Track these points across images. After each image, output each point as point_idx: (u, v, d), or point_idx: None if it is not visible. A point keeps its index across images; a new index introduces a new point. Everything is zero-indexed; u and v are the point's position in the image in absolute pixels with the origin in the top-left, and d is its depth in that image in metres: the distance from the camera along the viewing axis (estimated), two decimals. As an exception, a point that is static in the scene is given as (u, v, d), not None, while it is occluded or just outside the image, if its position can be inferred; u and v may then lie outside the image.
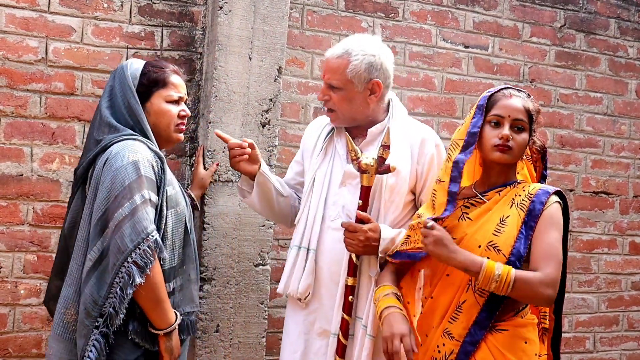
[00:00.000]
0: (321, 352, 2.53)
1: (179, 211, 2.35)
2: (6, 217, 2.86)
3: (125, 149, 2.24)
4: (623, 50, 4.09)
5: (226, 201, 3.01)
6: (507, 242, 2.17)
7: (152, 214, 2.21)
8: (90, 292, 2.17)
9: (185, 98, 2.48)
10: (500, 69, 3.79)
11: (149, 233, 2.16)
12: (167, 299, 2.25)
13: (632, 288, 4.13)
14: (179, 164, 3.12)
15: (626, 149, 4.11)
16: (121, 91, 2.36)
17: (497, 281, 2.09)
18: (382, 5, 3.53)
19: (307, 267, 2.53)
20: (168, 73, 2.43)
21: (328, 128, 2.66)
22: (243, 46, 3.06)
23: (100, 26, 2.99)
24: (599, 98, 4.03)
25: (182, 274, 2.36)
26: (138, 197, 2.18)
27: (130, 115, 2.34)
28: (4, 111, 2.86)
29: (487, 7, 3.76)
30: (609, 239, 4.07)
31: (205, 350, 3.00)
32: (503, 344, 2.17)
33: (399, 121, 2.60)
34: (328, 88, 2.55)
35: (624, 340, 4.11)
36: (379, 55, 2.53)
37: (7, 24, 2.85)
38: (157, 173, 2.27)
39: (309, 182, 2.61)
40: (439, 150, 2.60)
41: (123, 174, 2.19)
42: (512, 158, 2.25)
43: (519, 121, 2.24)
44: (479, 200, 2.30)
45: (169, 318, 2.25)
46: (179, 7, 3.12)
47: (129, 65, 2.41)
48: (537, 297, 2.13)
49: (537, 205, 2.19)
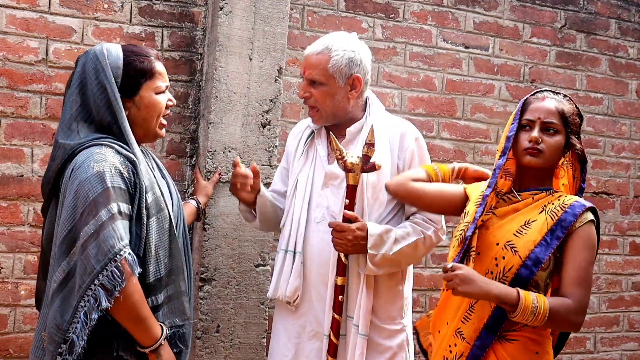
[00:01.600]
0: (313, 354, 2.53)
1: (161, 218, 2.12)
2: (7, 218, 2.86)
3: (90, 158, 2.02)
4: (623, 50, 4.09)
5: (227, 202, 3.01)
6: (525, 246, 2.13)
7: (123, 228, 2.00)
8: (54, 316, 1.98)
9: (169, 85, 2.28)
10: (500, 69, 3.79)
11: (116, 252, 1.96)
12: (149, 316, 2.06)
13: (632, 288, 4.12)
14: (179, 164, 3.12)
15: (627, 149, 4.11)
16: (98, 84, 2.09)
17: (534, 314, 2.05)
18: (382, 5, 3.53)
19: (294, 270, 2.53)
20: (153, 61, 2.19)
21: (308, 131, 2.68)
22: (243, 47, 3.06)
23: (101, 27, 2.99)
24: (600, 98, 4.03)
25: (170, 284, 2.16)
26: (104, 213, 1.97)
27: (109, 113, 2.09)
28: (4, 112, 2.86)
29: (487, 8, 3.76)
30: (610, 240, 4.07)
31: (205, 351, 3.00)
32: (512, 354, 2.14)
33: (377, 117, 2.62)
34: (309, 84, 2.57)
35: (624, 340, 4.11)
36: (358, 51, 2.56)
37: (8, 24, 2.85)
38: (129, 180, 2.05)
39: (292, 185, 2.62)
40: (418, 143, 2.62)
41: (87, 187, 1.98)
42: (544, 161, 2.20)
43: (549, 124, 2.19)
44: (512, 197, 2.26)
45: (153, 334, 2.07)
46: (180, 7, 3.12)
47: (105, 53, 2.11)
48: (570, 325, 2.12)
49: (569, 217, 2.14)
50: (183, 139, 3.13)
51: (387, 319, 2.54)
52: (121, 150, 2.07)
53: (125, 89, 2.12)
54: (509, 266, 2.13)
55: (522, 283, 2.11)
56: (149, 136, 2.23)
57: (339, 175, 2.53)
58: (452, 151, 3.67)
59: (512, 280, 2.12)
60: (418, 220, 2.55)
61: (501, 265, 2.15)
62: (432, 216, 2.56)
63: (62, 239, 2.00)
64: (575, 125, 2.24)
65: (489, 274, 2.16)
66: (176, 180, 3.09)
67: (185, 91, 3.12)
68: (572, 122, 2.22)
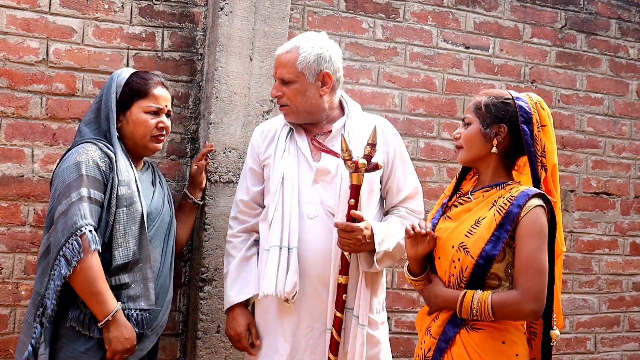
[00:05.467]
0: (309, 351, 2.54)
1: (132, 210, 2.44)
2: (7, 218, 2.86)
3: (76, 151, 2.43)
4: (624, 50, 4.08)
5: (227, 202, 3.01)
6: (476, 244, 2.18)
7: (89, 209, 2.35)
8: (35, 284, 2.43)
9: (166, 110, 2.60)
10: (501, 69, 3.79)
11: (77, 227, 2.31)
12: (104, 292, 2.35)
13: (633, 289, 4.12)
14: (179, 164, 3.12)
15: (627, 149, 4.10)
16: (105, 97, 2.53)
17: (476, 310, 2.14)
18: (382, 5, 3.53)
19: (291, 266, 2.51)
20: (151, 84, 2.56)
21: (286, 129, 2.68)
22: (244, 47, 3.07)
23: (101, 27, 2.99)
24: (600, 99, 4.03)
25: (137, 270, 2.46)
26: (75, 195, 2.34)
27: (106, 121, 2.51)
28: (5, 112, 2.86)
29: (487, 8, 3.76)
30: (610, 240, 4.06)
31: (206, 351, 3.00)
32: (478, 344, 2.18)
33: (357, 115, 2.68)
34: (281, 84, 2.61)
35: (625, 341, 4.11)
36: (326, 48, 2.61)
37: (8, 25, 2.85)
38: (104, 172, 2.41)
39: (278, 181, 2.58)
40: (398, 137, 2.74)
41: (66, 174, 2.39)
42: (465, 155, 2.32)
43: (465, 118, 2.34)
44: (466, 199, 2.33)
45: (105, 310, 2.35)
46: (180, 8, 3.12)
47: (118, 74, 2.58)
48: (522, 314, 2.15)
49: (514, 209, 2.17)
50: (183, 139, 3.13)
51: (374, 311, 2.61)
52: (103, 147, 2.46)
53: (120, 104, 2.53)
54: (465, 267, 2.20)
55: (479, 280, 2.19)
56: (139, 148, 2.58)
57: (330, 171, 2.56)
58: (452, 151, 3.67)
59: (470, 279, 2.19)
60: (403, 214, 2.65)
61: (458, 267, 2.21)
62: (414, 207, 2.69)
63: (46, 218, 2.45)
64: (490, 114, 2.27)
65: (452, 277, 2.23)
66: (176, 180, 3.10)
67: (186, 91, 3.12)
68: (486, 111, 2.28)
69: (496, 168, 2.31)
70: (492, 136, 2.27)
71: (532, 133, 2.27)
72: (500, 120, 2.27)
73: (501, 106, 2.29)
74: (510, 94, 2.33)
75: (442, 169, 3.66)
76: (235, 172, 3.03)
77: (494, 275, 2.19)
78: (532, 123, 2.27)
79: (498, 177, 2.31)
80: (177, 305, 3.11)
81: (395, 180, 2.68)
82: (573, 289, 3.94)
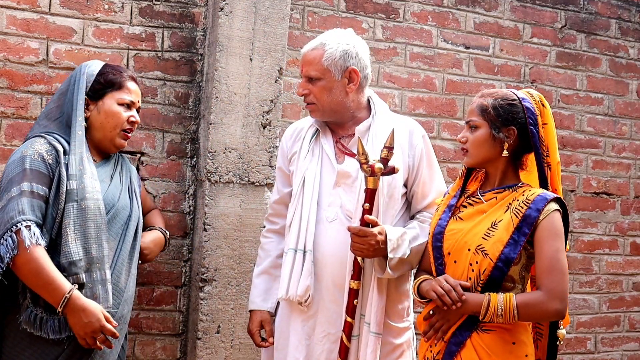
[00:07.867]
0: (324, 356, 2.51)
1: (83, 206, 2.32)
2: (7, 219, 2.86)
3: (24, 146, 2.38)
4: (624, 50, 4.08)
5: (227, 202, 3.01)
6: (495, 247, 2.18)
7: (29, 204, 2.26)
8: None
9: (137, 106, 2.56)
10: (501, 69, 3.79)
11: (13, 223, 2.22)
12: (51, 281, 2.23)
13: (633, 289, 4.12)
14: (179, 164, 3.12)
15: (627, 149, 4.11)
16: (73, 87, 2.46)
17: (501, 315, 2.14)
18: (382, 6, 3.53)
19: (305, 269, 2.49)
20: (125, 77, 2.52)
21: (312, 130, 2.65)
22: (244, 47, 3.07)
23: (101, 27, 2.99)
24: (600, 99, 4.03)
25: (95, 270, 2.33)
26: (15, 190, 2.27)
27: (71, 108, 2.42)
28: (5, 113, 2.86)
29: (487, 8, 3.76)
30: (610, 240, 4.06)
31: (206, 352, 3.00)
32: (489, 345, 2.18)
33: (383, 117, 2.61)
34: (307, 81, 2.57)
35: (625, 341, 4.11)
36: (353, 44, 2.56)
37: (8, 25, 2.85)
38: (51, 166, 2.33)
39: (299, 183, 2.57)
40: (426, 140, 2.65)
41: (10, 168, 2.33)
42: (471, 159, 2.31)
43: (470, 121, 2.31)
44: (476, 200, 2.32)
45: (59, 293, 2.24)
46: (180, 8, 3.12)
47: (88, 65, 2.52)
48: (547, 314, 2.17)
49: (533, 213, 2.18)
50: (183, 139, 3.13)
51: (396, 317, 2.55)
52: (52, 141, 2.37)
53: (92, 93, 2.46)
54: (482, 269, 2.20)
55: (497, 282, 2.19)
56: (106, 141, 2.50)
57: (352, 175, 2.52)
58: (453, 151, 3.67)
59: (487, 281, 2.19)
60: (425, 219, 2.57)
61: (476, 269, 2.21)
62: None
63: None
64: (500, 117, 2.26)
65: (469, 280, 2.22)
66: (176, 181, 3.10)
67: (186, 92, 3.12)
68: (495, 114, 2.27)
69: (505, 169, 2.31)
70: (503, 139, 2.27)
71: (539, 134, 2.28)
72: (510, 122, 2.27)
73: (509, 108, 2.27)
74: (514, 94, 2.32)
75: (443, 169, 3.63)
76: (235, 172, 3.03)
77: (509, 277, 2.20)
78: (537, 124, 2.28)
79: (507, 178, 2.31)
80: (177, 305, 3.11)
81: (420, 185, 2.60)
82: (573, 289, 3.94)
